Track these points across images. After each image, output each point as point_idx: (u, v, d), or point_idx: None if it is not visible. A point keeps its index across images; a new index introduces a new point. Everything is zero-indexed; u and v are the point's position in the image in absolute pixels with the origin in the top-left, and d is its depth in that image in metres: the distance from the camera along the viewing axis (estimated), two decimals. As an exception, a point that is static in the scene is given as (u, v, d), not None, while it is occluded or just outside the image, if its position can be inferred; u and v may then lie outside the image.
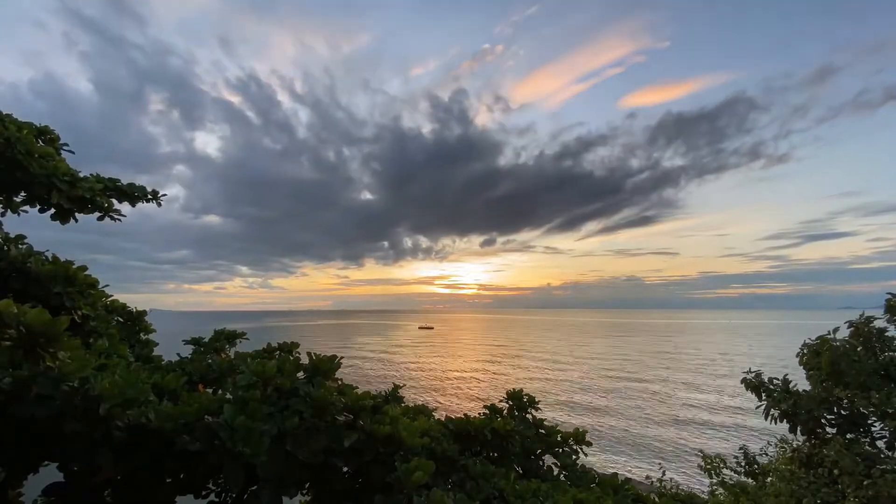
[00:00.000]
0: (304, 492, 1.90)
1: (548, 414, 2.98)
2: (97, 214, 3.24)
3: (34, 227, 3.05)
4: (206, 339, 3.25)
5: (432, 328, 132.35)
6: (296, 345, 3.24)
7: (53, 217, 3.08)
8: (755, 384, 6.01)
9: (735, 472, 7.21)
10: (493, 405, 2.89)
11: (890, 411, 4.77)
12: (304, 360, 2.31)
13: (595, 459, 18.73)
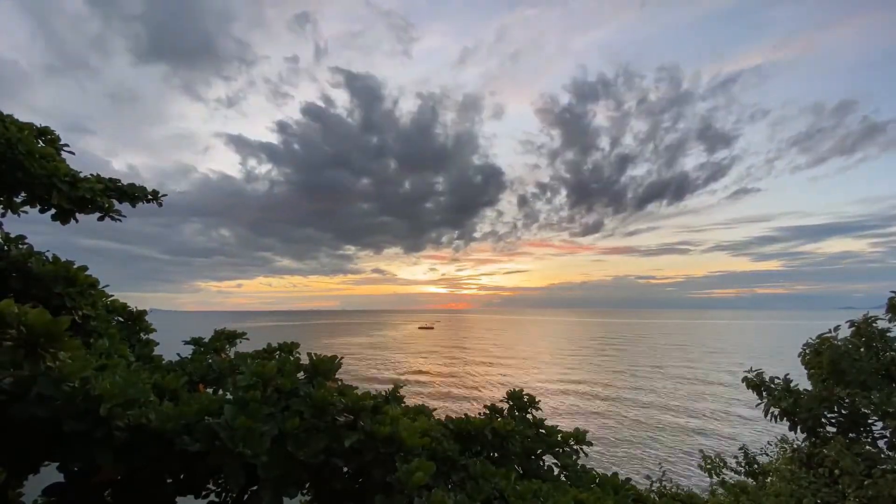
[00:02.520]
0: (305, 492, 1.90)
1: (545, 415, 2.99)
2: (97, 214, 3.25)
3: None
4: (207, 340, 3.25)
5: (433, 328, 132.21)
6: (296, 345, 3.24)
7: (54, 217, 3.08)
8: (756, 383, 6.01)
9: (735, 472, 7.21)
10: (493, 405, 2.89)
11: (890, 411, 4.76)
12: (305, 360, 2.31)
13: (594, 459, 18.72)
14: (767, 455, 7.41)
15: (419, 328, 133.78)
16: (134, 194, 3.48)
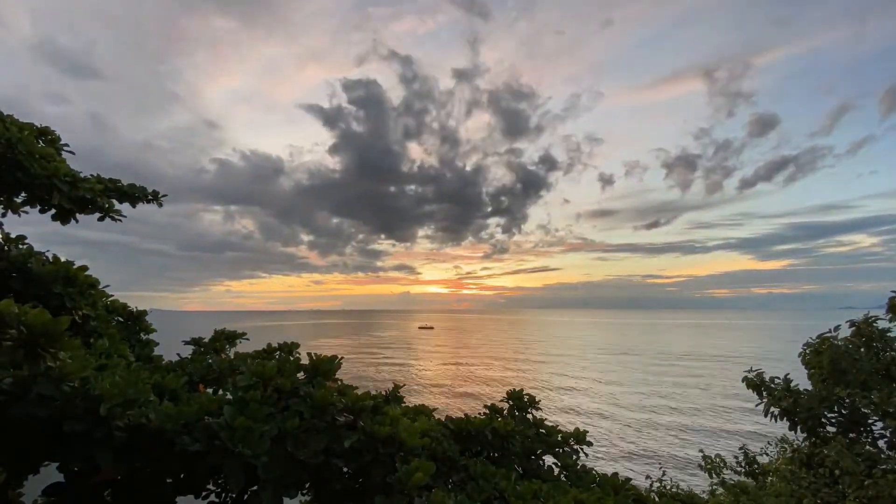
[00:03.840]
0: (305, 492, 1.91)
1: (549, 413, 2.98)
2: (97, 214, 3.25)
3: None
4: (206, 340, 3.25)
5: (432, 328, 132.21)
6: (296, 345, 3.24)
7: (54, 217, 3.08)
8: (756, 383, 6.01)
9: (735, 472, 7.21)
10: (493, 405, 2.89)
11: (890, 411, 4.76)
12: (305, 360, 2.31)
13: (595, 459, 18.73)
14: (767, 455, 7.40)
15: (419, 328, 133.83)
16: (134, 194, 3.48)
